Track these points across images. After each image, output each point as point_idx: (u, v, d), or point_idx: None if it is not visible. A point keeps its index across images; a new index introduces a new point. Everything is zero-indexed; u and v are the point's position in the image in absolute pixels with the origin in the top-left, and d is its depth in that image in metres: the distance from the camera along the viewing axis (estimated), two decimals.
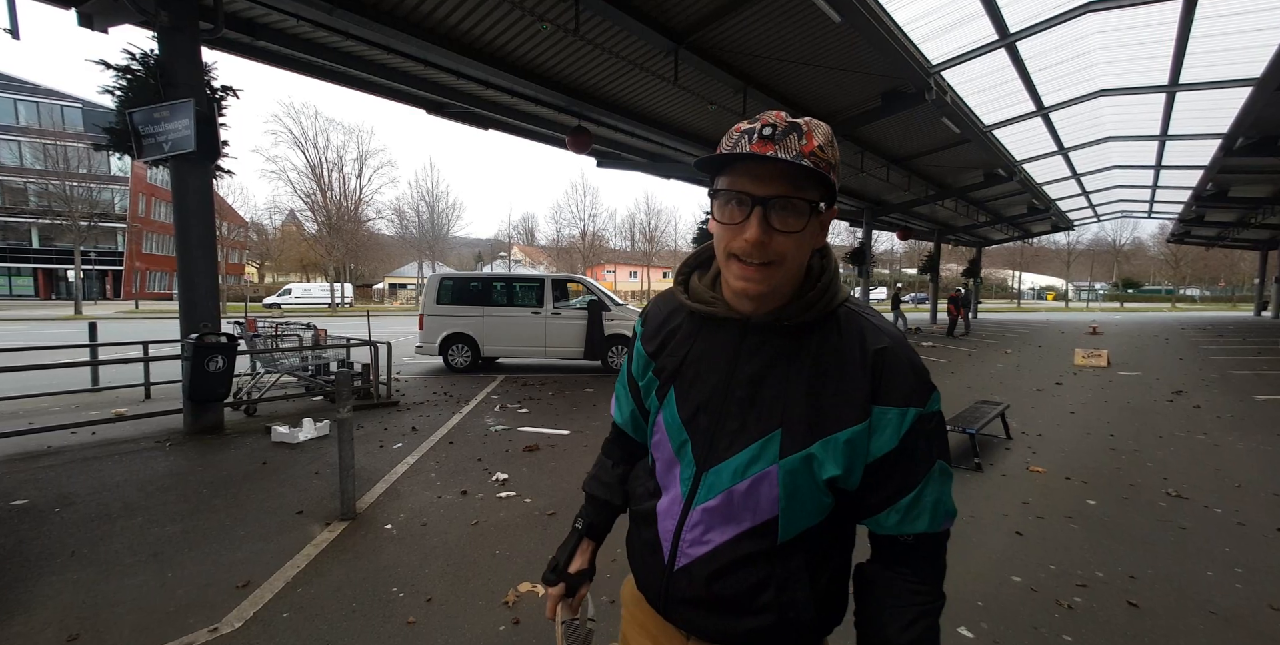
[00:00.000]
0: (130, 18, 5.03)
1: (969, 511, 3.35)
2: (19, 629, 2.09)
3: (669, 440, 0.83)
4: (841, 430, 0.72)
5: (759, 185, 0.69)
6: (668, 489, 0.85)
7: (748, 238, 0.69)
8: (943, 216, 19.63)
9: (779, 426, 0.74)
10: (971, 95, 8.55)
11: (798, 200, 0.69)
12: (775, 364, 0.76)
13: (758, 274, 0.71)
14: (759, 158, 0.68)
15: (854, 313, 0.78)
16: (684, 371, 0.82)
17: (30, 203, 31.76)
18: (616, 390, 1.02)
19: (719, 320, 0.81)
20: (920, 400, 0.73)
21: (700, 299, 0.83)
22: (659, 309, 0.92)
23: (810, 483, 0.73)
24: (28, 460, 4.04)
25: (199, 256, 4.99)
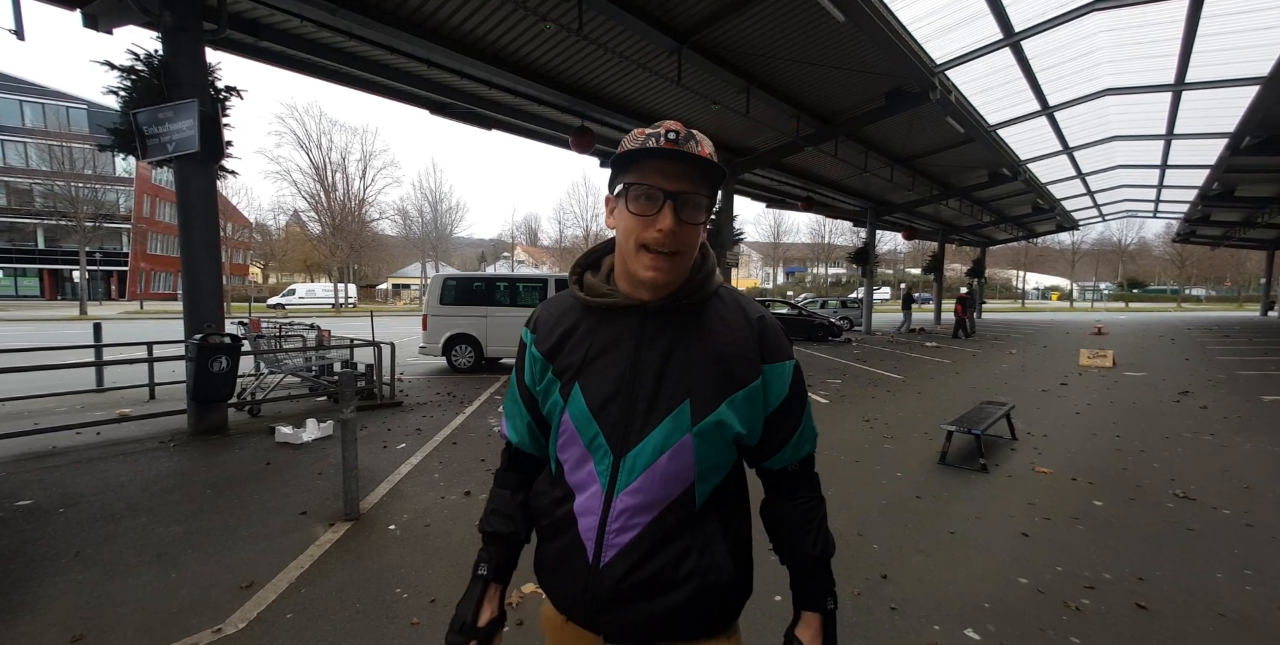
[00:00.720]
0: (134, 19, 5.04)
1: (974, 513, 3.33)
2: (24, 629, 2.09)
3: (579, 435, 0.85)
4: (742, 388, 0.82)
5: (669, 181, 0.78)
6: (583, 487, 0.86)
7: (661, 228, 0.77)
8: (947, 216, 19.58)
9: (686, 397, 0.81)
10: (976, 95, 8.52)
11: (700, 196, 0.80)
12: (678, 340, 0.83)
13: (667, 264, 0.79)
14: (674, 154, 0.77)
15: (730, 291, 0.91)
16: (588, 365, 0.85)
17: (36, 204, 31.93)
18: (506, 409, 1.00)
19: (618, 310, 0.85)
20: (790, 354, 0.88)
21: (597, 293, 0.88)
22: (549, 313, 0.93)
23: (720, 442, 0.83)
24: (33, 460, 4.05)
25: (203, 257, 5.00)
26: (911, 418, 5.77)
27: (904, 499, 3.55)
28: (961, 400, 6.61)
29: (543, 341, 0.90)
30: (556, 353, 0.88)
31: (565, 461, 0.88)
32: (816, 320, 14.93)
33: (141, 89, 4.73)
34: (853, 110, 9.12)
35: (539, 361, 0.90)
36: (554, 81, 7.59)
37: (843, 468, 4.13)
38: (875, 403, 6.57)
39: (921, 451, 4.56)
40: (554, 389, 0.88)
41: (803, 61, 7.31)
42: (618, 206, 0.82)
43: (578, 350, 0.86)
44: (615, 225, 0.84)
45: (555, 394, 0.87)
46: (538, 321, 0.93)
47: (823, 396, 6.90)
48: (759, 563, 0.99)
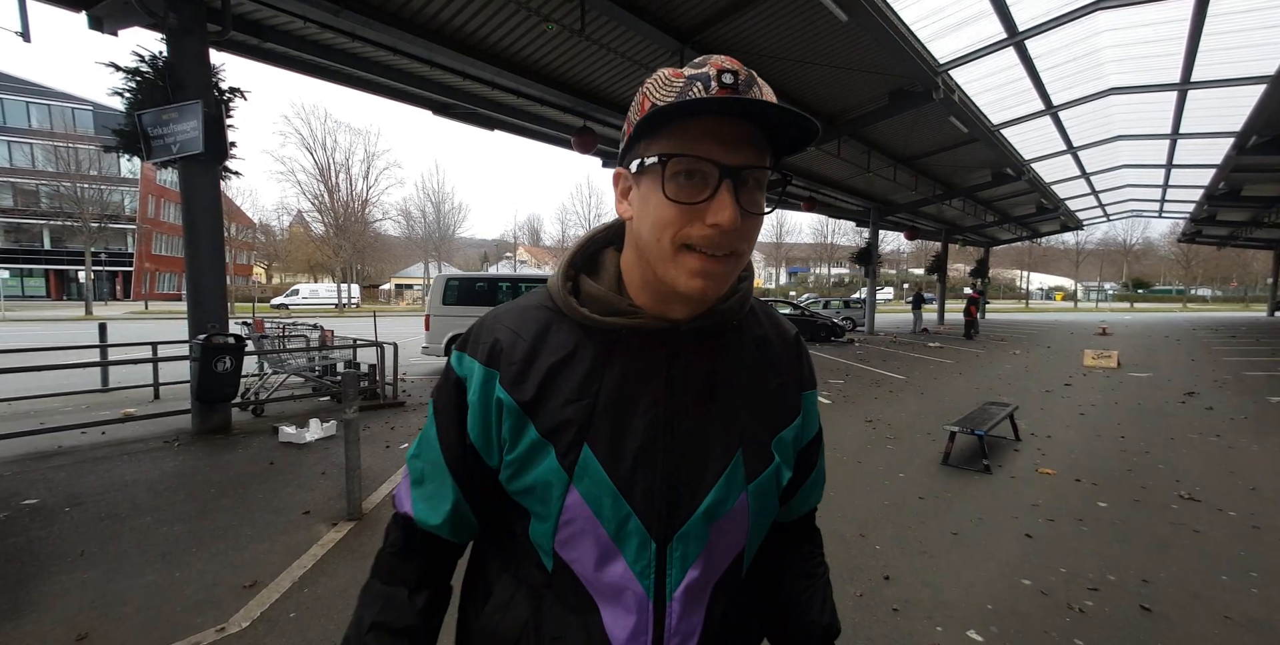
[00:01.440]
0: (140, 20, 5.07)
1: (977, 513, 3.32)
2: (30, 627, 2.10)
3: (599, 522, 0.57)
4: (788, 425, 0.66)
5: (728, 150, 0.51)
6: (615, 595, 0.58)
7: (718, 222, 0.51)
8: (950, 216, 19.53)
9: (739, 445, 0.61)
10: (979, 94, 8.50)
11: (765, 171, 0.54)
12: (718, 372, 0.62)
13: (720, 268, 0.54)
14: (737, 106, 0.50)
15: (761, 303, 0.72)
16: (600, 418, 0.58)
17: (42, 204, 32.16)
18: (415, 473, 0.65)
19: (638, 335, 0.60)
20: (816, 379, 0.73)
21: (612, 309, 0.60)
22: (515, 334, 0.61)
23: (774, 494, 0.64)
24: (39, 460, 4.07)
25: (207, 257, 5.02)
26: (914, 418, 5.75)
27: (907, 500, 3.54)
28: (965, 401, 6.59)
29: (515, 382, 0.59)
30: (542, 400, 0.58)
31: (574, 562, 0.59)
32: (819, 320, 14.93)
33: (146, 90, 4.75)
34: (856, 110, 9.10)
35: (512, 413, 0.59)
36: (556, 82, 7.60)
37: (845, 468, 4.12)
38: (878, 403, 6.55)
39: (924, 452, 4.55)
40: (542, 458, 0.58)
41: (805, 61, 7.30)
42: (642, 187, 0.56)
43: (583, 394, 0.58)
44: (633, 214, 0.58)
45: (546, 465, 0.58)
46: (496, 348, 0.61)
47: (825, 397, 6.89)
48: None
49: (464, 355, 0.63)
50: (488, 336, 0.62)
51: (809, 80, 7.99)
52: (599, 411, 0.58)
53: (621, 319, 0.59)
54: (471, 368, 0.61)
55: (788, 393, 0.67)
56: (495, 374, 0.60)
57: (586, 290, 0.62)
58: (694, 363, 0.61)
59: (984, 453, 4.14)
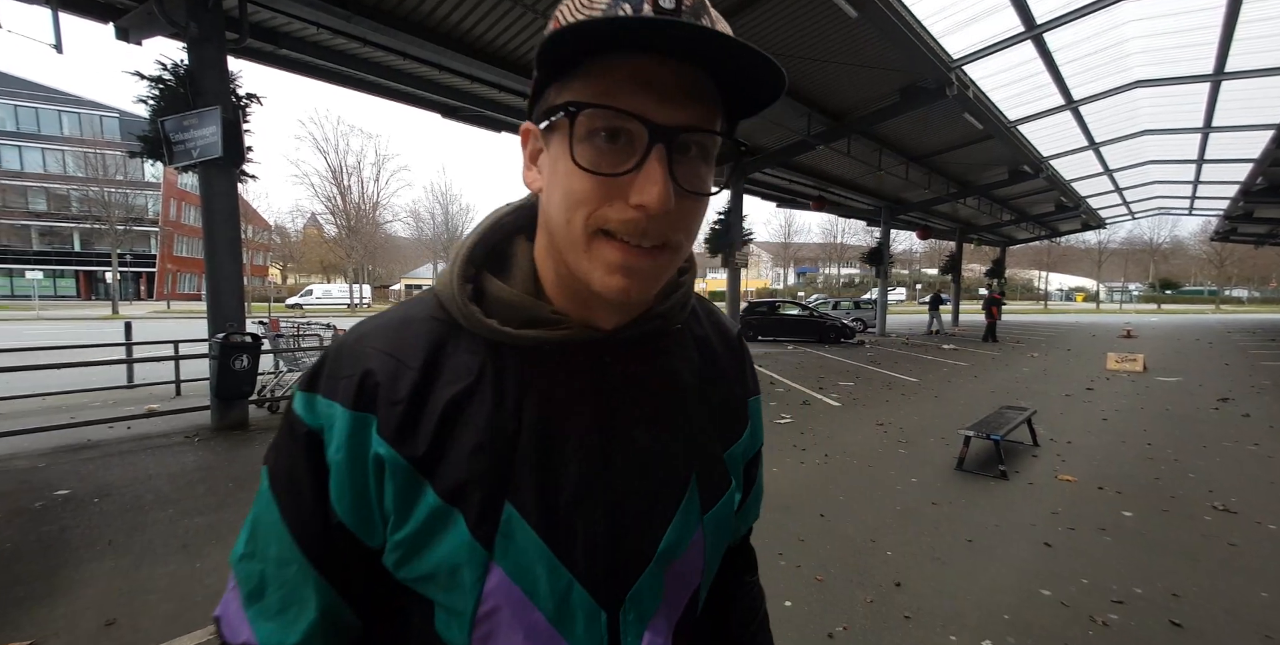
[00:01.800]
0: (162, 30, 5.19)
1: (993, 520, 3.25)
2: (63, 611, 2.18)
3: (536, 607, 0.43)
4: (737, 439, 0.55)
5: (661, 104, 0.38)
6: None
7: (647, 202, 0.38)
8: (964, 215, 19.20)
9: (691, 471, 0.49)
10: (995, 90, 8.33)
11: (712, 138, 0.41)
12: (655, 387, 0.50)
13: (649, 264, 0.41)
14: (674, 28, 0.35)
15: (697, 297, 0.59)
16: (523, 468, 0.43)
17: (73, 208, 33.22)
18: (249, 582, 0.45)
19: (563, 353, 0.46)
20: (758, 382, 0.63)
21: (530, 319, 0.45)
22: (395, 361, 0.44)
23: (728, 519, 0.53)
24: (70, 452, 4.20)
25: (225, 259, 5.13)
26: (927, 422, 5.66)
27: (919, 505, 3.47)
28: (980, 405, 6.46)
29: (401, 429, 0.43)
30: (441, 451, 0.43)
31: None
32: (829, 321, 14.77)
33: (168, 98, 4.87)
34: (865, 107, 9.00)
35: (399, 473, 0.42)
36: None
37: (855, 473, 4.06)
38: (889, 406, 6.46)
39: (938, 457, 4.47)
40: (446, 530, 0.42)
41: (814, 58, 7.23)
42: (551, 150, 0.42)
43: (495, 438, 0.43)
44: (543, 186, 0.44)
45: (453, 540, 0.42)
46: (368, 382, 0.43)
47: (834, 400, 6.80)
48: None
49: (315, 397, 0.44)
50: (353, 366, 0.44)
51: (817, 78, 7.92)
52: (521, 455, 0.43)
53: (542, 331, 0.45)
54: (331, 414, 0.43)
55: (734, 401, 0.56)
56: (370, 420, 0.42)
57: (493, 294, 0.46)
58: (632, 378, 0.49)
59: (1000, 458, 4.05)
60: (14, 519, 3.02)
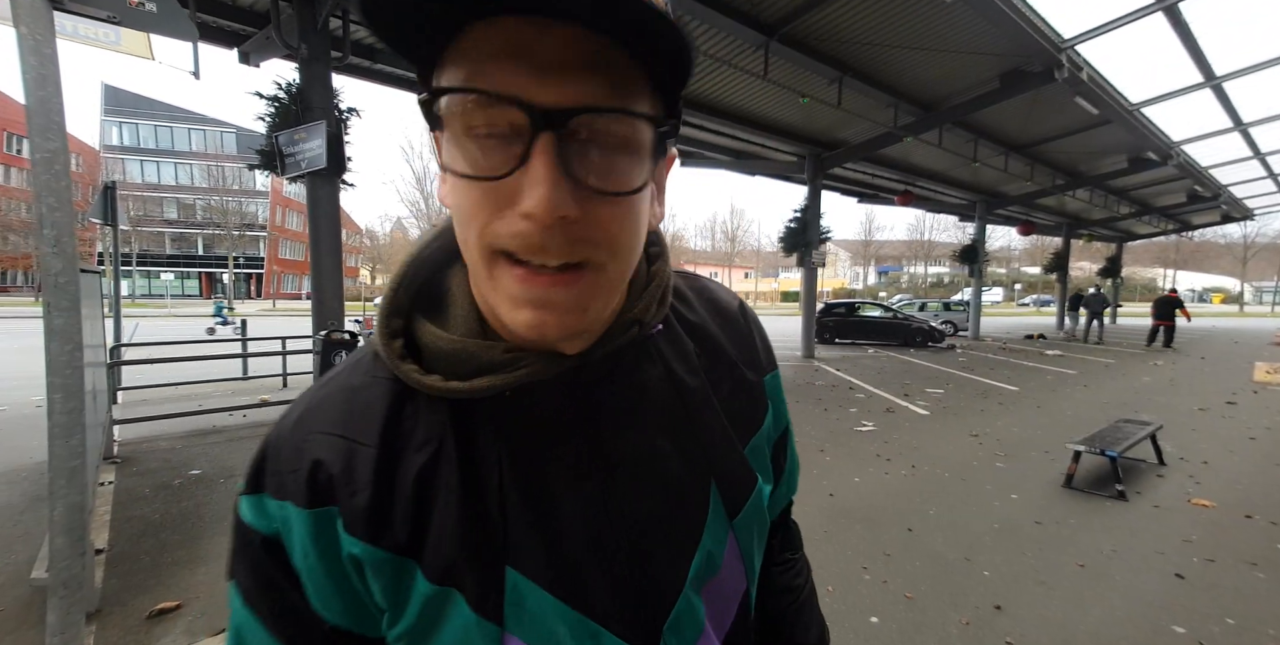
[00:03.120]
0: (277, 52, 5.77)
1: (1108, 544, 2.92)
2: (200, 578, 2.48)
3: None
4: (755, 432, 0.50)
5: (541, 80, 0.30)
6: None
7: (529, 208, 0.30)
8: (1073, 209, 17.41)
9: (710, 480, 0.45)
10: (1114, 70, 7.48)
11: (634, 118, 0.32)
12: (653, 394, 0.44)
13: (563, 293, 0.34)
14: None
15: (685, 277, 0.54)
16: (516, 530, 0.39)
17: (197, 216, 37.77)
18: None
19: (533, 391, 0.40)
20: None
21: (478, 366, 0.38)
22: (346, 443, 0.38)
23: (762, 515, 0.49)
24: (199, 436, 4.75)
25: (328, 261, 5.60)
26: (1029, 434, 5.18)
27: (1020, 523, 3.18)
28: (1090, 417, 5.84)
29: (371, 518, 0.37)
30: (423, 533, 0.38)
31: None
32: (914, 323, 13.86)
33: (282, 114, 5.39)
34: (960, 95, 8.37)
35: (382, 567, 0.37)
36: None
37: (946, 486, 3.79)
38: (985, 416, 5.98)
39: (1041, 472, 4.08)
40: (449, 613, 0.38)
41: (903, 46, 6.83)
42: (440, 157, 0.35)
43: (477, 506, 0.39)
44: (450, 205, 0.36)
45: (458, 622, 0.37)
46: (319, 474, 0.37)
47: (922, 408, 6.39)
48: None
49: (262, 498, 0.38)
50: (298, 458, 0.38)
51: (905, 66, 7.47)
52: (512, 516, 0.39)
53: (499, 377, 0.38)
54: (285, 516, 0.37)
55: (748, 386, 0.50)
56: (332, 513, 0.37)
57: (428, 345, 0.39)
58: (620, 399, 0.43)
59: (1118, 477, 3.63)
60: (160, 493, 3.45)
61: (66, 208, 1.50)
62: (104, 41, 2.51)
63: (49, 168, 1.46)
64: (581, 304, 0.35)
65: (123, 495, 3.39)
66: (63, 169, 1.50)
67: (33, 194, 1.46)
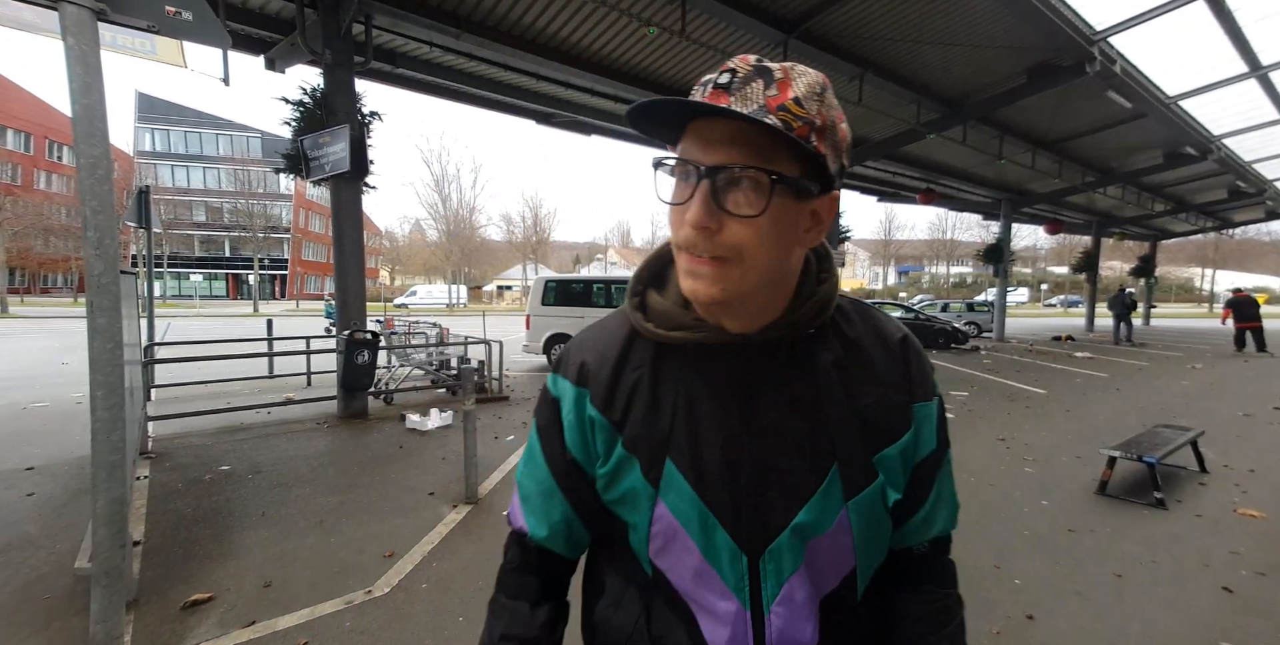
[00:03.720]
0: (302, 58, 5.88)
1: (1148, 554, 2.81)
2: (232, 571, 2.53)
3: (687, 535, 0.58)
4: (892, 443, 0.60)
5: (706, 150, 0.51)
6: (711, 609, 0.59)
7: (689, 220, 0.51)
8: (1104, 206, 16.92)
9: (833, 460, 0.58)
10: (1149, 62, 7.23)
11: (753, 170, 0.50)
12: (798, 384, 0.59)
13: (710, 269, 0.53)
14: (710, 110, 0.50)
15: (855, 303, 0.66)
16: (679, 433, 0.59)
17: (224, 219, 38.79)
18: (524, 490, 0.69)
19: (710, 350, 0.60)
20: (935, 387, 0.65)
21: (676, 323, 0.60)
22: (600, 353, 0.64)
23: (880, 513, 0.61)
24: (228, 433, 4.87)
25: (351, 262, 5.70)
26: (1058, 439, 5.04)
27: (1052, 531, 3.09)
28: (1124, 422, 5.65)
29: (604, 399, 0.62)
30: (627, 416, 0.61)
31: (669, 571, 0.61)
32: (936, 325, 13.55)
33: (307, 118, 5.50)
34: (985, 91, 8.20)
35: (603, 428, 0.62)
36: (654, 85, 7.69)
37: (974, 491, 3.69)
38: (1011, 420, 5.83)
39: (1073, 478, 3.96)
40: (629, 471, 0.60)
41: (927, 41, 6.70)
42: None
43: (658, 411, 0.60)
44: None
45: (633, 478, 0.60)
46: (584, 368, 0.64)
47: (946, 410, 6.24)
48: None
49: (558, 377, 0.66)
50: (576, 358, 0.65)
51: (929, 61, 7.33)
52: (677, 427, 0.59)
53: (685, 333, 0.59)
54: (564, 388, 0.65)
55: (891, 405, 0.61)
56: (585, 393, 0.63)
57: (652, 305, 0.63)
58: (772, 376, 0.60)
59: (1157, 484, 3.50)
60: (192, 488, 3.54)
61: (109, 211, 1.54)
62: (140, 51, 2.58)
63: (93, 172, 1.51)
64: (717, 280, 0.53)
65: (157, 489, 3.48)
66: (105, 174, 1.55)
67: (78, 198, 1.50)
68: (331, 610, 2.24)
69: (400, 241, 48.44)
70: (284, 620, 2.16)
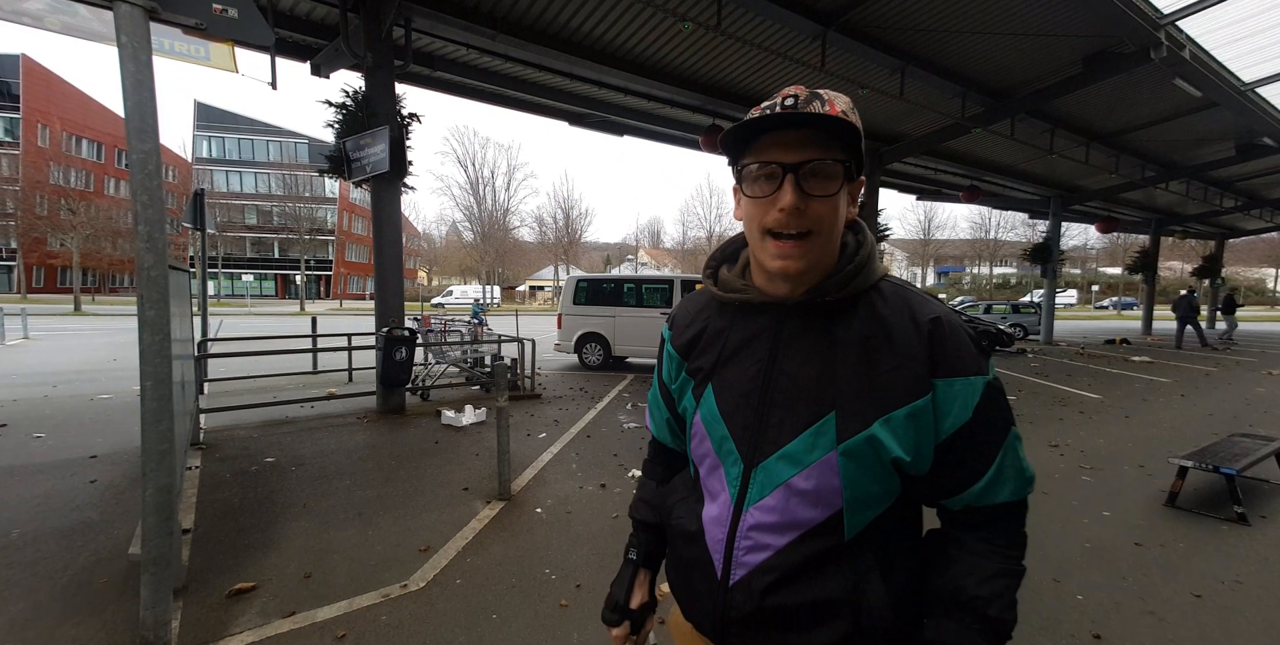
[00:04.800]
0: (345, 62, 6.05)
1: (1230, 573, 2.59)
2: (274, 561, 2.58)
3: (709, 438, 0.79)
4: (901, 407, 0.69)
5: (788, 152, 0.69)
6: (714, 495, 0.80)
7: (782, 206, 0.68)
8: (1164, 202, 15.91)
9: (832, 408, 0.70)
10: (1222, 46, 6.73)
11: (830, 162, 0.69)
12: (820, 344, 0.73)
13: (796, 249, 0.70)
14: (790, 120, 0.68)
15: (898, 286, 0.76)
16: (721, 366, 0.80)
17: (274, 222, 40.57)
18: (650, 402, 1.00)
19: (754, 307, 0.79)
20: (985, 368, 0.71)
21: (731, 288, 0.82)
22: (686, 310, 0.90)
23: (875, 466, 0.70)
24: (274, 426, 5.03)
25: (390, 262, 5.82)
26: (1117, 447, 4.72)
27: (1116, 544, 2.88)
28: (1192, 429, 5.27)
29: (678, 338, 0.88)
30: (690, 351, 0.85)
31: (699, 464, 0.83)
32: (979, 326, 12.92)
33: (349, 121, 5.65)
34: (1036, 82, 7.79)
35: (674, 359, 0.88)
36: (687, 82, 7.61)
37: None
38: (1064, 426, 5.51)
39: (1136, 489, 3.69)
40: (688, 388, 0.85)
41: (974, 31, 6.41)
42: (740, 194, 0.76)
43: (711, 349, 0.82)
44: (742, 217, 0.77)
45: (689, 394, 0.84)
46: (675, 318, 0.91)
47: None
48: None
49: (664, 325, 0.93)
50: (675, 312, 0.92)
51: (975, 53, 7.01)
52: (721, 362, 0.80)
53: (736, 295, 0.80)
54: (665, 332, 0.92)
55: (906, 374, 0.69)
56: (670, 334, 0.90)
57: (721, 276, 0.85)
58: (800, 332, 0.75)
59: (1236, 497, 3.22)
60: (238, 478, 3.66)
61: (158, 206, 1.58)
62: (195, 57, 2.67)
63: (143, 168, 1.55)
64: (808, 255, 0.71)
65: (207, 479, 3.62)
66: (155, 169, 1.59)
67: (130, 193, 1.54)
68: (368, 603, 2.25)
69: (438, 243, 49.67)
70: (323, 612, 2.19)
